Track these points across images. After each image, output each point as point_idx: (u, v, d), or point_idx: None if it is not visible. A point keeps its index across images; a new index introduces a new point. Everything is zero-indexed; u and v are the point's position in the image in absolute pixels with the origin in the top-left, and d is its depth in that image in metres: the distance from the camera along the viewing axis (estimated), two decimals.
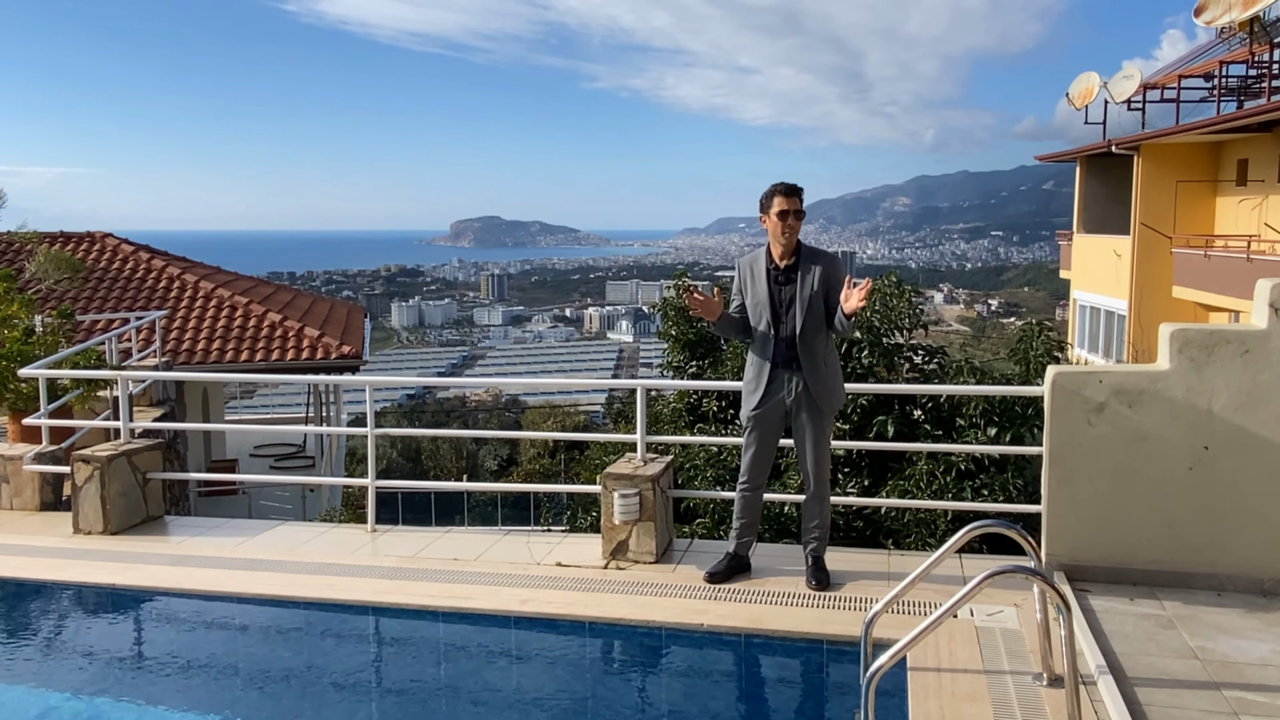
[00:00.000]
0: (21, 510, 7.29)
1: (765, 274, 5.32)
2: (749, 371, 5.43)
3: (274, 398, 48.18)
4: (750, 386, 5.40)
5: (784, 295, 5.28)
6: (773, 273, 5.32)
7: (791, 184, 5.26)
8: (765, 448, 5.47)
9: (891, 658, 3.55)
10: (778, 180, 5.27)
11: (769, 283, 5.30)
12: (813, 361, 5.25)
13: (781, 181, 5.26)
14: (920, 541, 7.80)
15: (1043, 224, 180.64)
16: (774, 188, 5.26)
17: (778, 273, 5.31)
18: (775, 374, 5.30)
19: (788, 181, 5.27)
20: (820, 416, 5.30)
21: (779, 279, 5.31)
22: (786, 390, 5.30)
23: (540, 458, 30.03)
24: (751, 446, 5.46)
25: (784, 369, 5.29)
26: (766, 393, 5.33)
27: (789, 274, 5.29)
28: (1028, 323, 9.22)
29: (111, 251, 19.22)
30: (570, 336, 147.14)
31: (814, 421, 5.30)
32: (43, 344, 8.63)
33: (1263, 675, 4.17)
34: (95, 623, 5.69)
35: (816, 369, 5.26)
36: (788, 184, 5.25)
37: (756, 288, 5.34)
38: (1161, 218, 21.27)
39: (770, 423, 5.40)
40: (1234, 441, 5.01)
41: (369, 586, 5.57)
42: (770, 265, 5.33)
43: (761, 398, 5.34)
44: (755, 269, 5.37)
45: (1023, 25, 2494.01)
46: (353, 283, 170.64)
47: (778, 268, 5.31)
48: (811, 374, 5.24)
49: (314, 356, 16.30)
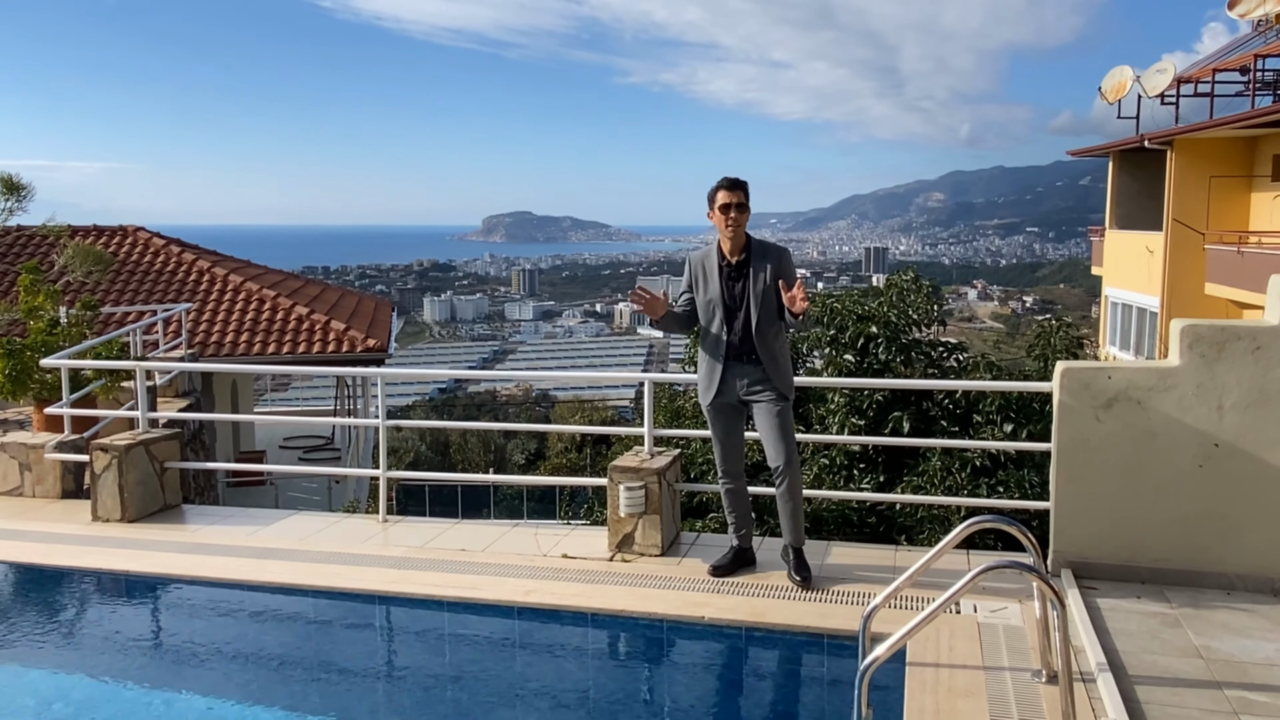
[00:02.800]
0: (43, 498, 7.42)
1: (718, 270, 5.34)
2: (702, 367, 5.46)
3: (307, 390, 48.71)
4: (704, 383, 5.44)
5: (736, 291, 5.30)
6: (725, 269, 5.34)
7: (735, 178, 5.30)
8: (731, 438, 5.52)
9: (886, 651, 3.55)
10: (718, 179, 5.33)
11: (721, 280, 5.33)
12: (770, 354, 5.29)
13: (726, 176, 5.29)
14: (933, 538, 7.74)
15: (1079, 220, 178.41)
16: (718, 182, 5.30)
17: (730, 269, 5.34)
18: (728, 367, 5.33)
19: (732, 176, 5.30)
20: (783, 402, 5.32)
21: (731, 275, 5.33)
22: (739, 384, 5.34)
23: (568, 452, 30.17)
24: (718, 440, 5.54)
25: (736, 363, 5.32)
26: (720, 389, 5.38)
27: (740, 269, 5.32)
28: (1047, 318, 9.13)
29: (143, 245, 19.50)
30: (601, 332, 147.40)
31: (777, 406, 5.30)
32: (67, 335, 8.77)
33: (1267, 675, 4.12)
34: (110, 609, 5.79)
35: (775, 360, 5.30)
36: (731, 178, 5.29)
37: (709, 285, 5.36)
38: (1194, 214, 20.95)
39: (727, 414, 5.45)
40: (1245, 439, 4.94)
41: (377, 576, 5.62)
42: (722, 262, 5.36)
43: (715, 394, 5.39)
44: (708, 266, 5.39)
45: (1062, 18, 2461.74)
46: (386, 277, 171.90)
47: (730, 264, 5.34)
48: (769, 362, 5.28)
49: (339, 349, 16.45)
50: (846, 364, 8.79)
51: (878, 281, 55.89)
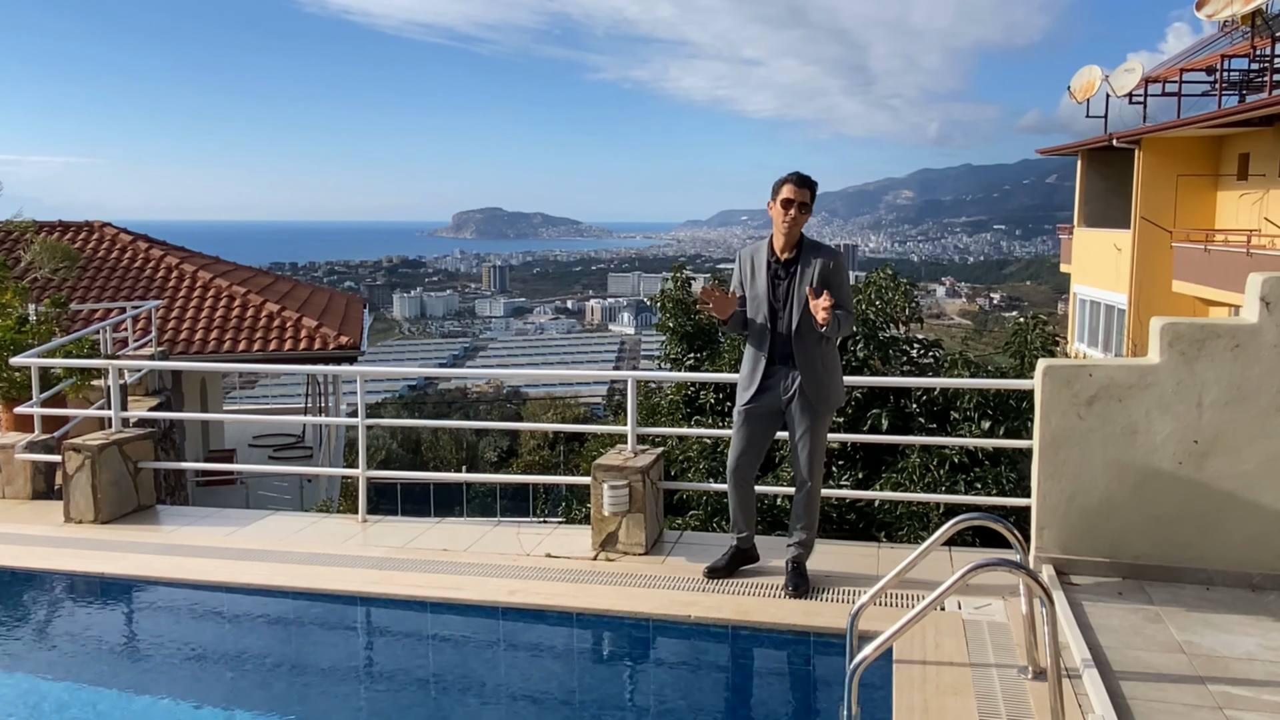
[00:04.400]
0: (13, 499, 7.29)
1: (765, 267, 5.17)
2: (745, 365, 5.28)
3: (274, 388, 48.21)
4: (745, 381, 5.26)
5: (781, 290, 5.12)
6: (773, 265, 5.17)
7: (806, 175, 5.09)
8: (756, 442, 5.33)
9: (875, 650, 3.55)
10: (786, 171, 5.12)
11: (769, 276, 5.16)
12: (808, 358, 5.10)
13: (798, 171, 5.09)
14: (913, 534, 7.80)
15: (1045, 218, 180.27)
16: (788, 175, 5.09)
17: (778, 266, 5.15)
18: (771, 370, 5.15)
19: (804, 173, 5.10)
20: (815, 415, 5.14)
21: (778, 273, 5.15)
22: (782, 387, 5.15)
23: (540, 449, 30.06)
24: (741, 441, 5.32)
25: (780, 365, 5.14)
26: (761, 388, 5.18)
27: (788, 268, 5.14)
28: (1024, 316, 9.20)
29: (110, 241, 19.22)
30: (572, 329, 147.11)
31: (809, 419, 5.14)
32: (36, 333, 8.62)
33: (1249, 670, 4.16)
34: (85, 611, 5.69)
35: (812, 366, 5.11)
36: (802, 174, 5.09)
37: (756, 281, 5.18)
38: (1162, 212, 21.22)
39: (762, 418, 5.26)
40: (1224, 436, 4.99)
41: (358, 576, 5.57)
42: (771, 258, 5.18)
43: (755, 393, 5.20)
44: (756, 261, 5.21)
45: (1029, 18, 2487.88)
46: (354, 274, 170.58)
47: (778, 260, 5.16)
48: (807, 371, 5.09)
49: (311, 347, 16.29)
50: None
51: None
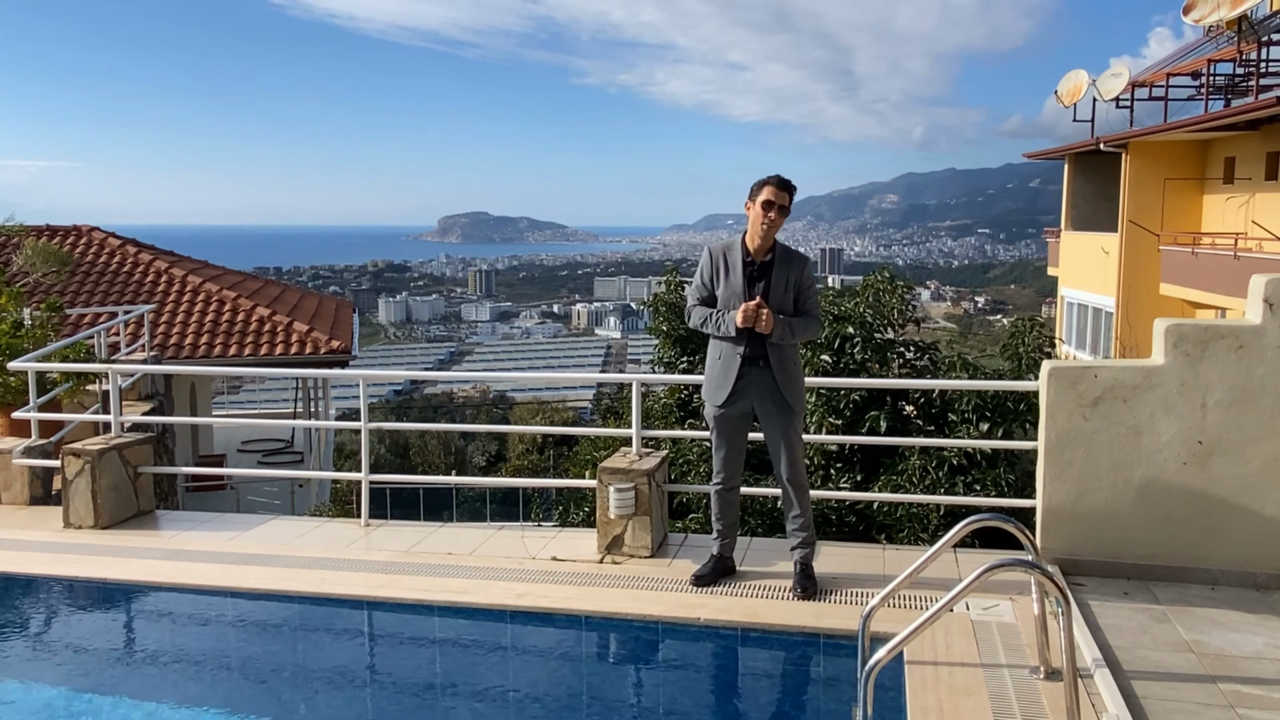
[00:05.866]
0: (11, 505, 7.23)
1: (741, 266, 5.11)
2: (714, 368, 5.22)
3: (260, 393, 48.02)
4: (717, 382, 5.19)
5: (756, 291, 5.08)
6: (749, 266, 5.12)
7: (786, 179, 5.09)
8: (736, 445, 5.32)
9: (890, 651, 3.57)
10: (770, 174, 5.12)
11: (745, 276, 5.09)
12: (781, 360, 5.11)
13: (779, 174, 5.10)
14: (913, 536, 7.82)
15: (1029, 222, 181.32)
16: (768, 177, 5.10)
17: (753, 268, 5.12)
18: (745, 371, 5.11)
19: (784, 177, 5.10)
20: (791, 414, 5.16)
21: (754, 275, 5.11)
22: (754, 389, 5.15)
23: (529, 454, 30.02)
24: (722, 446, 5.31)
25: (751, 367, 5.10)
26: (734, 391, 5.15)
27: (764, 270, 5.11)
28: (1019, 319, 9.25)
29: (99, 245, 19.10)
30: (558, 333, 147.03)
31: (786, 420, 5.15)
32: (31, 337, 8.57)
33: (1257, 668, 4.20)
34: (87, 618, 5.65)
35: (785, 367, 5.12)
36: (783, 178, 5.09)
37: (731, 280, 5.12)
38: (1149, 215, 21.37)
39: (736, 421, 5.24)
40: (1228, 436, 5.04)
41: (364, 581, 5.55)
42: (746, 258, 5.13)
43: (728, 396, 5.16)
44: (730, 259, 5.14)
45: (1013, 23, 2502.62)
46: (340, 278, 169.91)
47: (753, 262, 5.13)
48: (781, 372, 5.10)
49: (303, 351, 16.23)
50: (824, 364, 8.84)
51: (834, 282, 55.88)
